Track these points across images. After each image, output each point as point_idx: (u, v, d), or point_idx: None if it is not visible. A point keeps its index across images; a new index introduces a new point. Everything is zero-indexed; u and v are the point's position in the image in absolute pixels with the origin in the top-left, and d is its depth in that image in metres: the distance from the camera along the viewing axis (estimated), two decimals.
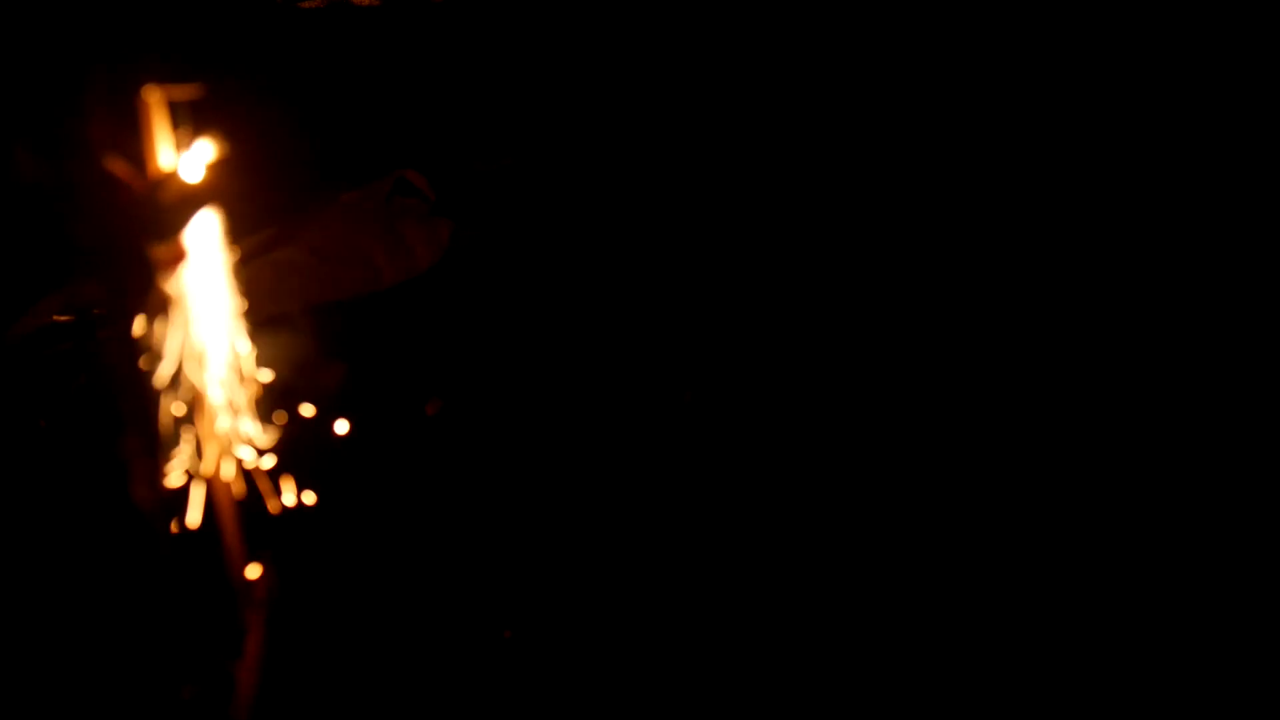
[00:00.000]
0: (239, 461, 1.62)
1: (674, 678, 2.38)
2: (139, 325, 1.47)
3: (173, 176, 1.39)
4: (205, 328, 1.51)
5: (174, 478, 1.58)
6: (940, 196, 2.97)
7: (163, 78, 1.37)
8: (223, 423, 1.54)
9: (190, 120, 1.40)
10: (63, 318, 2.00)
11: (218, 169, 1.44)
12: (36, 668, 2.15)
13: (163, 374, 1.48)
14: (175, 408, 1.52)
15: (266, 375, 1.62)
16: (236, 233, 1.61)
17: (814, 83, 3.00)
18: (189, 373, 1.50)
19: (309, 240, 2.14)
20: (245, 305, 1.61)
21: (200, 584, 1.82)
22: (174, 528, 1.64)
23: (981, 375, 2.86)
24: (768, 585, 2.68)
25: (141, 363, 1.49)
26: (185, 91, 1.38)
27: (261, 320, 1.79)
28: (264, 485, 1.71)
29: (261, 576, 1.87)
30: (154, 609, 2.05)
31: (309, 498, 1.79)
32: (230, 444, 1.58)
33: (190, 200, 1.41)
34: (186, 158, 1.40)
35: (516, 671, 2.27)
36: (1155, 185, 2.93)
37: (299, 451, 1.76)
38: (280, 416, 1.72)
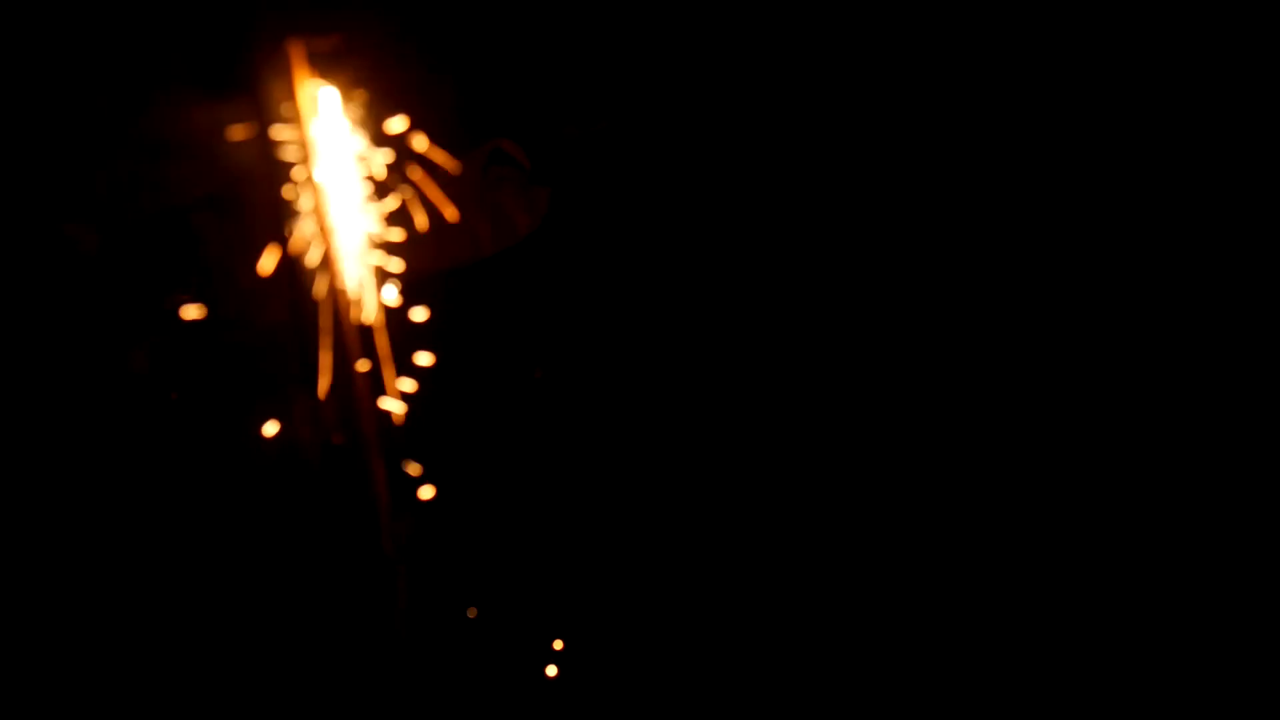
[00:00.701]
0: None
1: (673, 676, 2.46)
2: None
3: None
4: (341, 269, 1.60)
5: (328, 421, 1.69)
6: (938, 196, 2.97)
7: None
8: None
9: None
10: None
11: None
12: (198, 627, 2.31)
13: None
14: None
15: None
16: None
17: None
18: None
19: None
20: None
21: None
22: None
23: (980, 375, 2.87)
24: (761, 583, 2.72)
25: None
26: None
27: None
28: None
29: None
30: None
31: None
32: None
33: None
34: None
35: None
36: (1155, 185, 2.90)
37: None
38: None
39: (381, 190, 1.75)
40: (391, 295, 1.78)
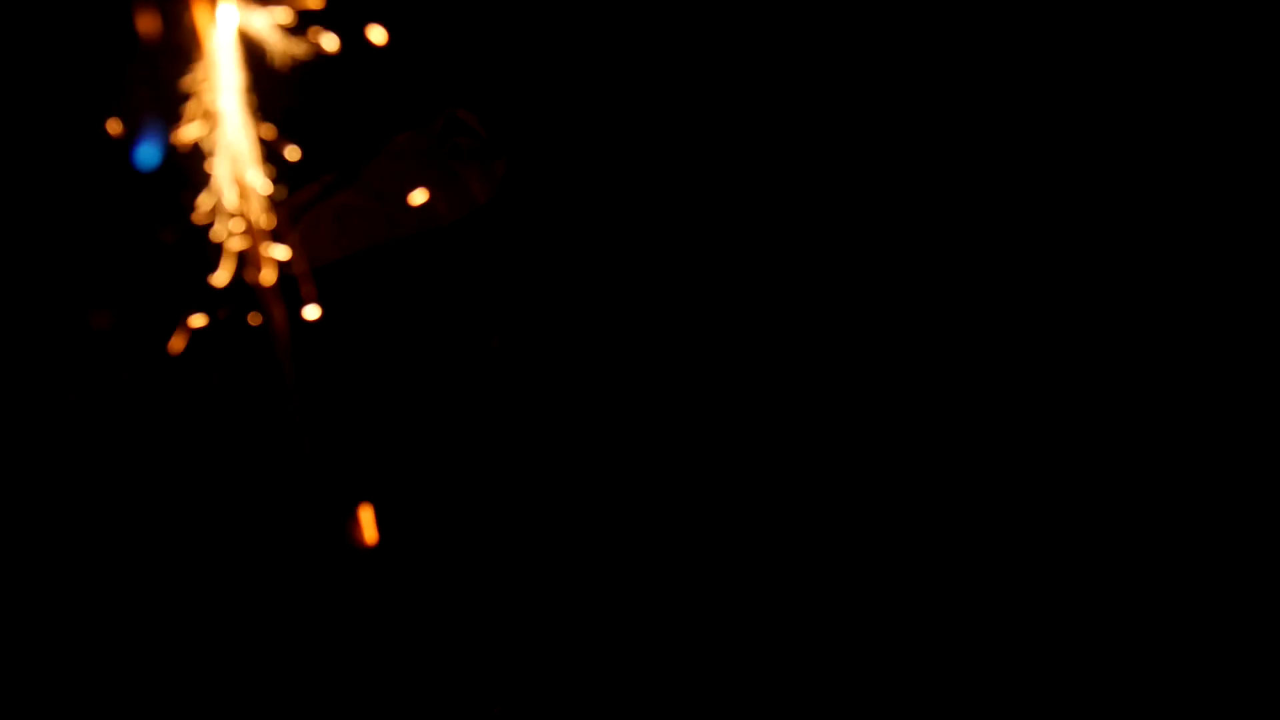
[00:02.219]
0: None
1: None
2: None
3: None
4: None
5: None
6: (936, 196, 2.99)
7: None
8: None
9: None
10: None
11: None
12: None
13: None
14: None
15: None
16: (295, 180, 1.69)
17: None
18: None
19: (368, 183, 2.20)
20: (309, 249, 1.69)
21: None
22: None
23: (978, 376, 2.90)
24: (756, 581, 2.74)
25: None
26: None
27: (325, 262, 1.89)
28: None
29: None
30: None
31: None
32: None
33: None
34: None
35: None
36: (1154, 186, 2.93)
37: None
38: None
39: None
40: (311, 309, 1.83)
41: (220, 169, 1.59)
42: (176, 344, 1.94)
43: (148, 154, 1.96)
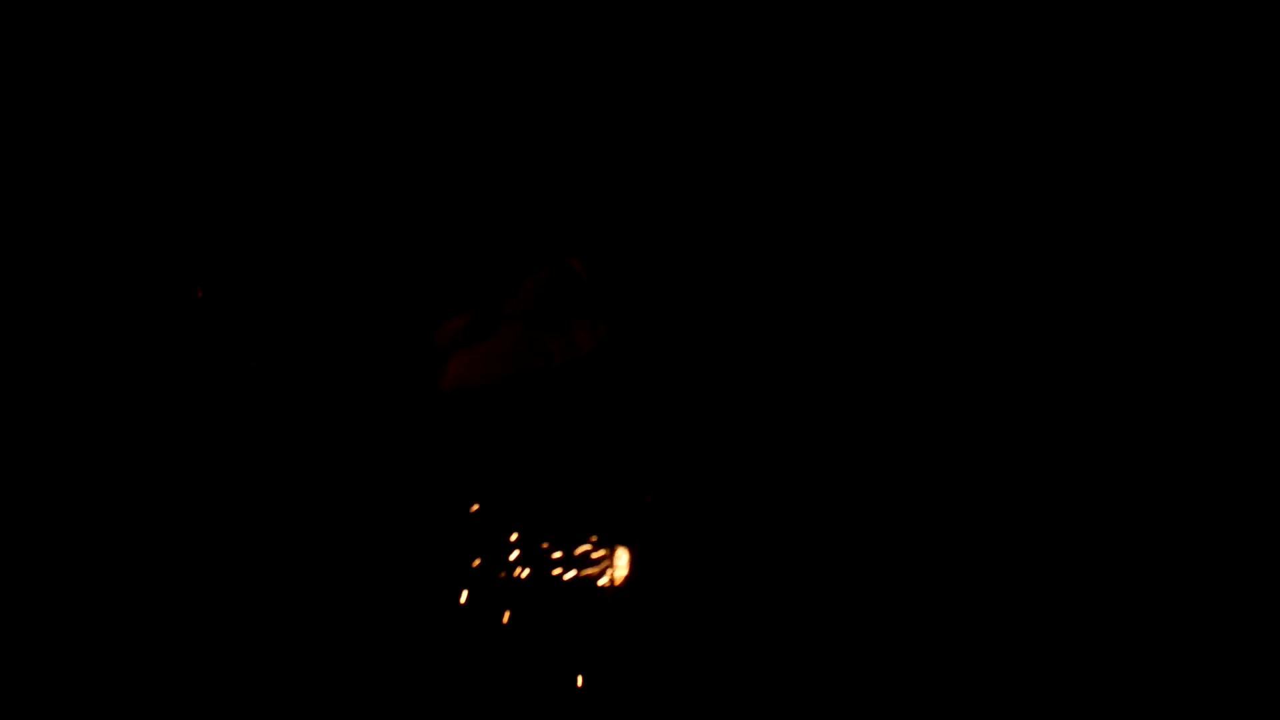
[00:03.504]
0: None
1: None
2: None
3: None
4: None
5: None
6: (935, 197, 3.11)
7: None
8: None
9: None
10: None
11: None
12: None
13: None
14: None
15: None
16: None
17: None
18: None
19: (503, 326, 2.69)
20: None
21: None
22: None
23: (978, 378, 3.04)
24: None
25: None
26: None
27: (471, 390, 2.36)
28: None
29: None
30: None
31: None
32: None
33: None
34: None
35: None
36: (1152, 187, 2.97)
37: None
38: None
39: None
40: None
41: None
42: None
43: None
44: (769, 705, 2.82)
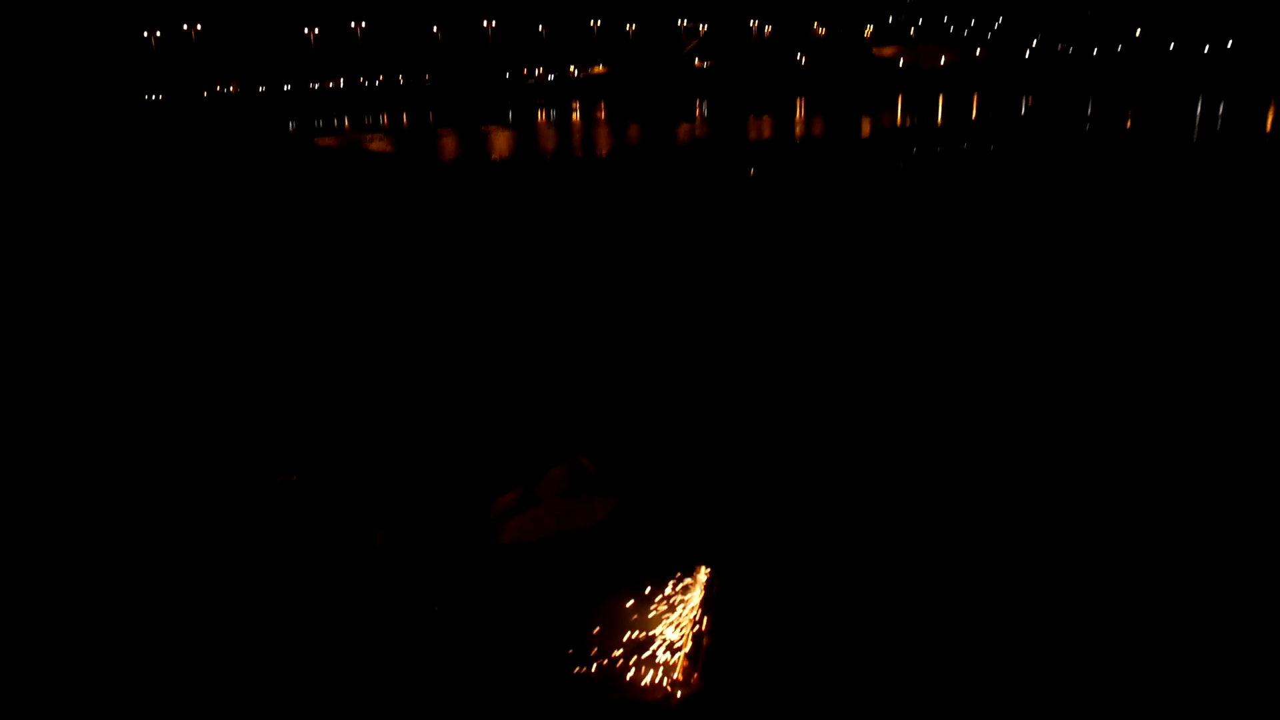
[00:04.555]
0: None
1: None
2: None
3: None
4: None
5: None
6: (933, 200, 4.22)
7: None
8: None
9: None
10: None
11: None
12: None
13: None
14: None
15: None
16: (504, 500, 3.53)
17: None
18: None
19: (542, 502, 3.97)
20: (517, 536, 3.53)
21: None
22: None
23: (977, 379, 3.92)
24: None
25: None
26: None
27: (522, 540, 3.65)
28: None
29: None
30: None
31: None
32: None
33: None
34: None
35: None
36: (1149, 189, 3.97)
37: None
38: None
39: None
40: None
41: None
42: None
43: None
44: (770, 705, 3.75)
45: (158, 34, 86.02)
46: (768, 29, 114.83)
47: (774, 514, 4.89)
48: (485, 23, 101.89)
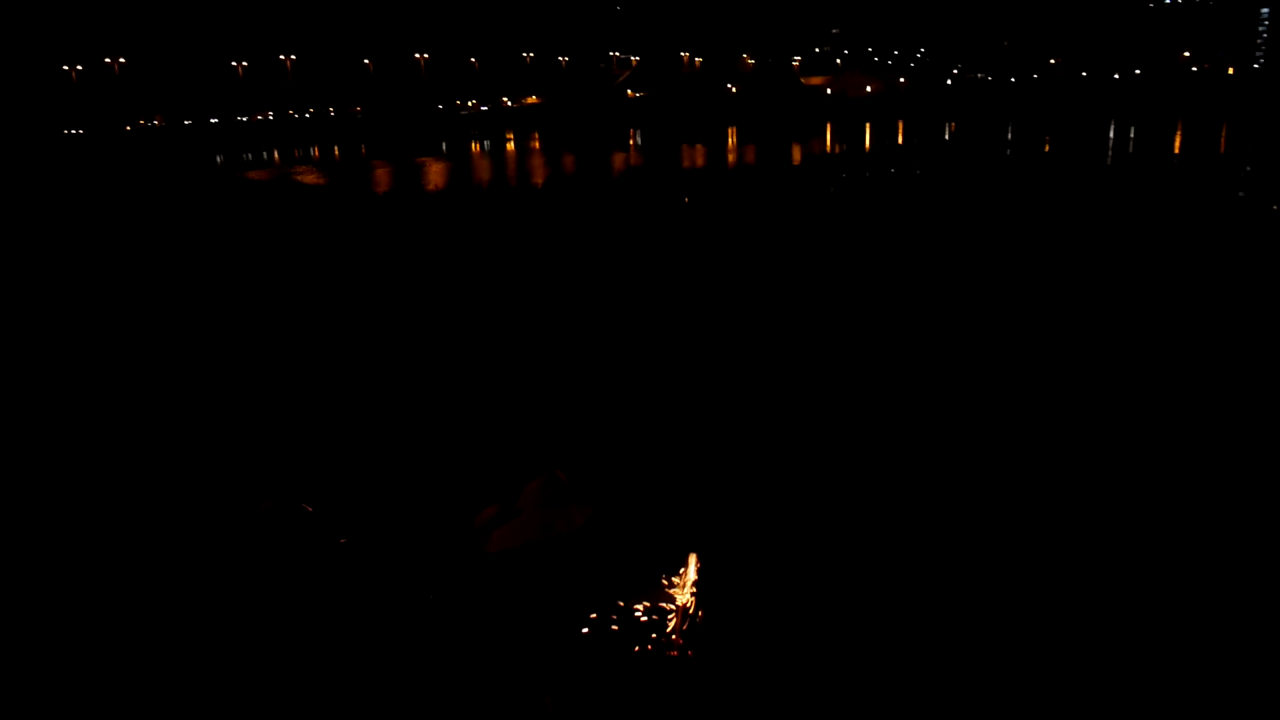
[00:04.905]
0: None
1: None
2: None
3: None
4: None
5: None
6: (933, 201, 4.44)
7: None
8: None
9: None
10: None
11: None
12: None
13: None
14: None
15: None
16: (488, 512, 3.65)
17: None
18: None
19: (523, 513, 4.08)
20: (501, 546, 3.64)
21: None
22: None
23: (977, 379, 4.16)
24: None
25: None
26: None
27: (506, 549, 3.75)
28: None
29: None
30: None
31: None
32: None
33: None
34: None
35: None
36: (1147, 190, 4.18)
37: None
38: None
39: None
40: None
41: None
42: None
43: None
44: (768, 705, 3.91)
45: (79, 67, 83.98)
46: (698, 60, 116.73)
47: (755, 502, 5.28)
48: (417, 54, 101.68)
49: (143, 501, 6.28)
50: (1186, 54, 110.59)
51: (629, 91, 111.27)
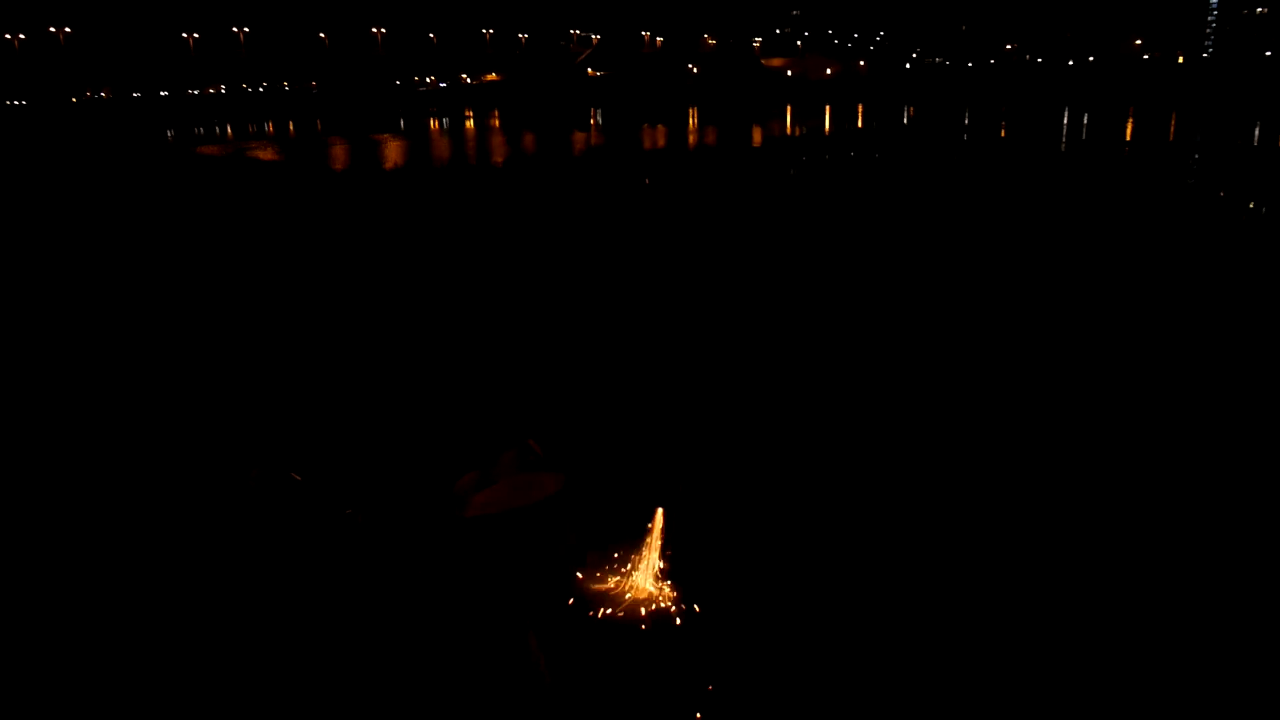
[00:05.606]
0: None
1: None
2: None
3: None
4: None
5: None
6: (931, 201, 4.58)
7: None
8: None
9: None
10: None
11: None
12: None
13: None
14: None
15: None
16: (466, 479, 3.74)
17: None
18: None
19: (498, 482, 4.18)
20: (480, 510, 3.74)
21: None
22: None
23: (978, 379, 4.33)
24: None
25: None
26: None
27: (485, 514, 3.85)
28: None
29: None
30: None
31: None
32: None
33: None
34: None
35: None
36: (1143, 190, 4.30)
37: None
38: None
39: None
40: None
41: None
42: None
43: None
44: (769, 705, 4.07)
45: (21, 36, 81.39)
46: (659, 40, 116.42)
47: (720, 468, 5.61)
48: (374, 29, 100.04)
49: (127, 475, 6.28)
50: (1138, 42, 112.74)
51: (589, 70, 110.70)
